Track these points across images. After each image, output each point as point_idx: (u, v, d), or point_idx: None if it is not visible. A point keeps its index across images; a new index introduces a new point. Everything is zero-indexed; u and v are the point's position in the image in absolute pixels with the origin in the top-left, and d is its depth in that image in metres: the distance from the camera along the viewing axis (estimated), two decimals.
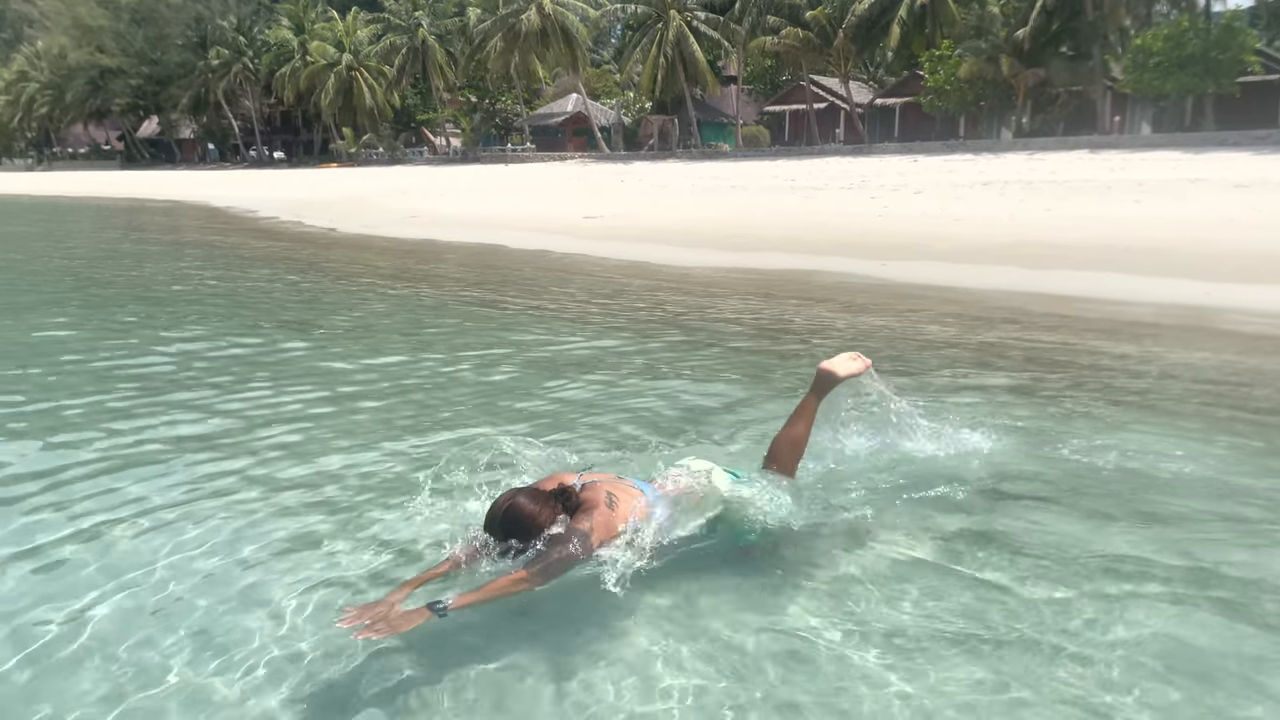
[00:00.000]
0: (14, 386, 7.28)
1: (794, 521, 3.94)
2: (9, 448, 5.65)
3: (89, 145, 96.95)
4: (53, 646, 3.39)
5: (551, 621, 3.48)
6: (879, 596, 3.66)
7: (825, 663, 3.22)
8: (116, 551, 4.16)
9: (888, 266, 13.44)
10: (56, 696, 3.11)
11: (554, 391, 7.07)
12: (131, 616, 3.59)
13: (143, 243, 23.97)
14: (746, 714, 2.98)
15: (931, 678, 3.12)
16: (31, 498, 4.79)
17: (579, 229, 20.04)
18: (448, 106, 71.48)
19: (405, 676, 3.23)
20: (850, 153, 43.08)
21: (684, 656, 3.29)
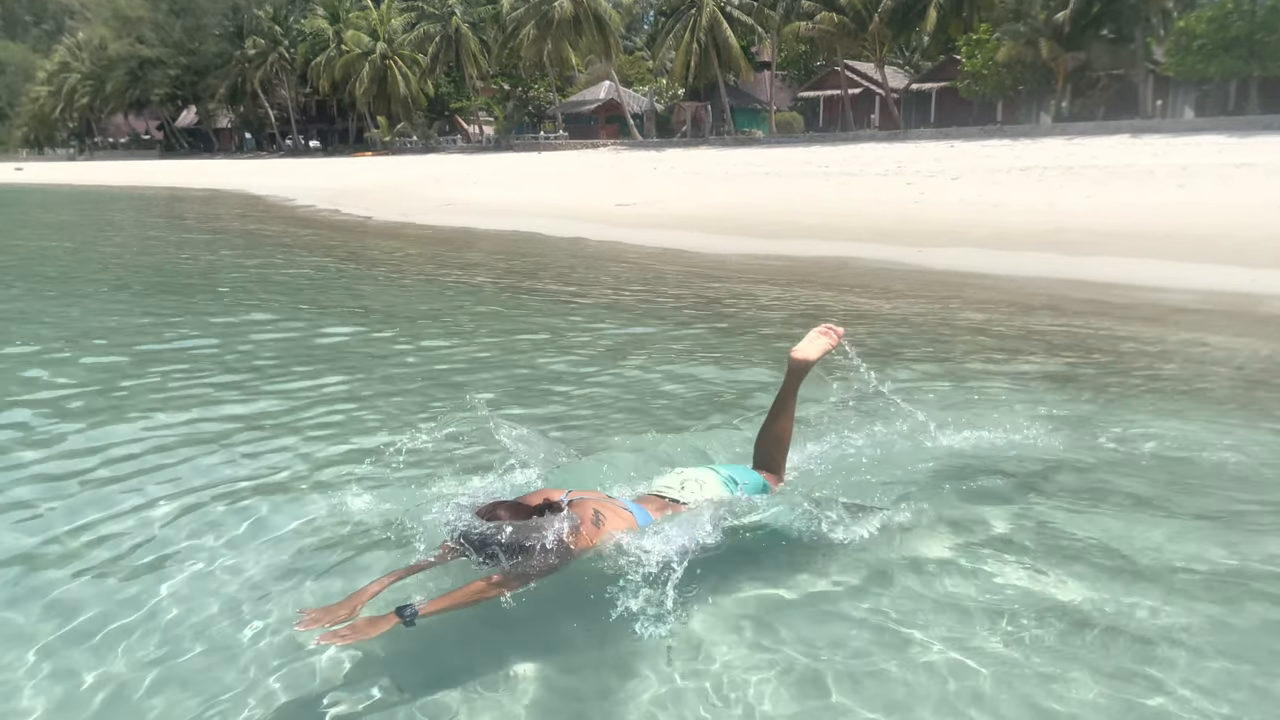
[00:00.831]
0: (70, 369, 7.44)
1: (796, 525, 3.79)
2: (95, 426, 5.79)
3: (129, 135, 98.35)
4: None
5: (539, 628, 3.33)
6: (906, 593, 3.57)
7: (865, 678, 3.08)
8: (168, 520, 4.27)
9: (924, 253, 13.34)
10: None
11: (588, 377, 7.12)
12: (179, 582, 3.68)
13: (187, 231, 24.33)
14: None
15: (982, 676, 3.05)
16: (89, 472, 4.93)
17: (612, 216, 20.06)
18: (481, 94, 71.62)
19: (374, 685, 3.09)
20: (885, 139, 42.64)
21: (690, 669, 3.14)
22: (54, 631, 3.42)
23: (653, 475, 3.89)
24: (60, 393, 6.75)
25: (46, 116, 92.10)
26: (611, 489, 3.99)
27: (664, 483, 3.80)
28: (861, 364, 4.77)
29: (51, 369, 7.47)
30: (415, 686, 3.07)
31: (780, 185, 24.52)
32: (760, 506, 3.75)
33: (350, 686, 3.09)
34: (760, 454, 4.15)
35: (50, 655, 3.28)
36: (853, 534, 3.82)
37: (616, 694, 3.04)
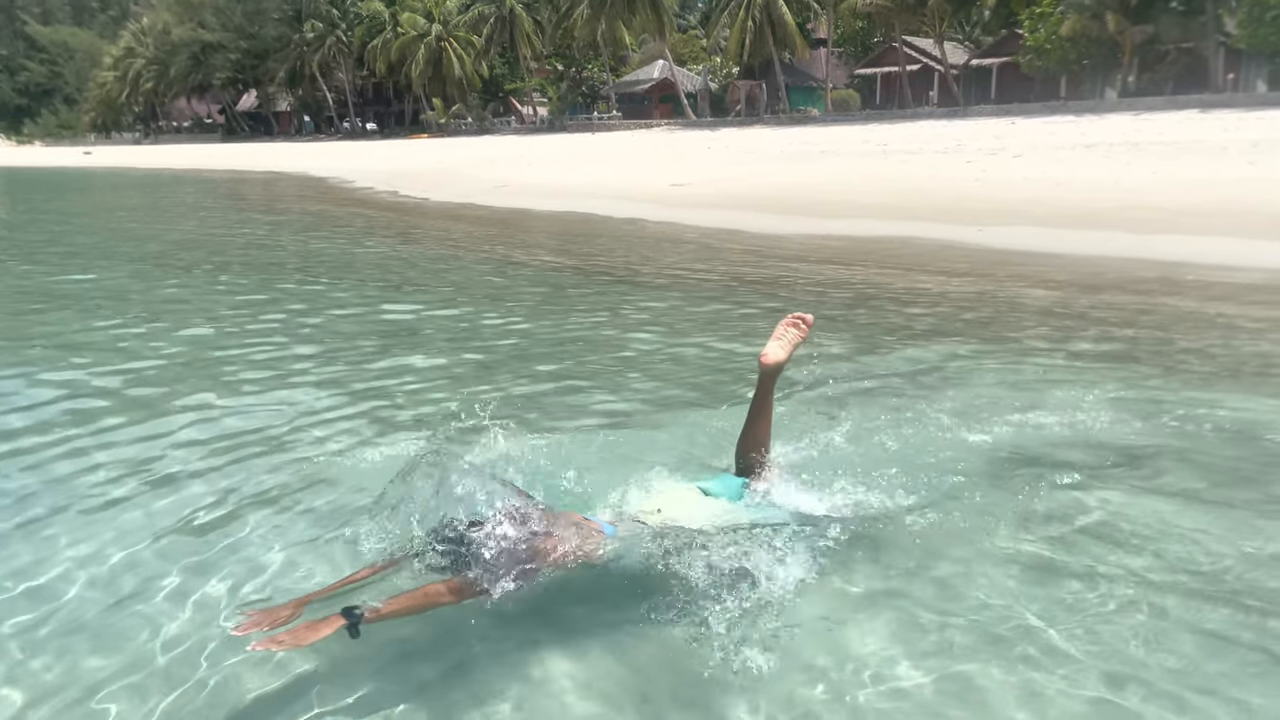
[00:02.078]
0: (164, 340, 7.73)
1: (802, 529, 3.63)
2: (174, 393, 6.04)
3: (192, 119, 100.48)
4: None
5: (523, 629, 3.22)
6: (963, 585, 3.47)
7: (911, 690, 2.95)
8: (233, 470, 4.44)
9: (984, 232, 13.15)
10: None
11: (643, 355, 7.18)
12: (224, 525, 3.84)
13: (257, 213, 24.87)
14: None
15: (1052, 675, 2.96)
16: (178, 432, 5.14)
17: (666, 197, 20.05)
18: (535, 75, 71.85)
19: (325, 689, 2.96)
20: (945, 116, 41.89)
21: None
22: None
23: (633, 494, 3.67)
24: (153, 362, 7.04)
25: (113, 101, 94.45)
26: (594, 510, 3.68)
27: (641, 506, 3.59)
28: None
29: (147, 340, 7.85)
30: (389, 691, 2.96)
31: (837, 164, 24.28)
32: (742, 520, 3.55)
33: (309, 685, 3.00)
34: (741, 460, 3.94)
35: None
36: (885, 524, 3.78)
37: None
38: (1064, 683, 2.87)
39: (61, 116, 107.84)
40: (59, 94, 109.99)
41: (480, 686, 2.95)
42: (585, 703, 2.89)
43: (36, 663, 3.16)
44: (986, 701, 2.82)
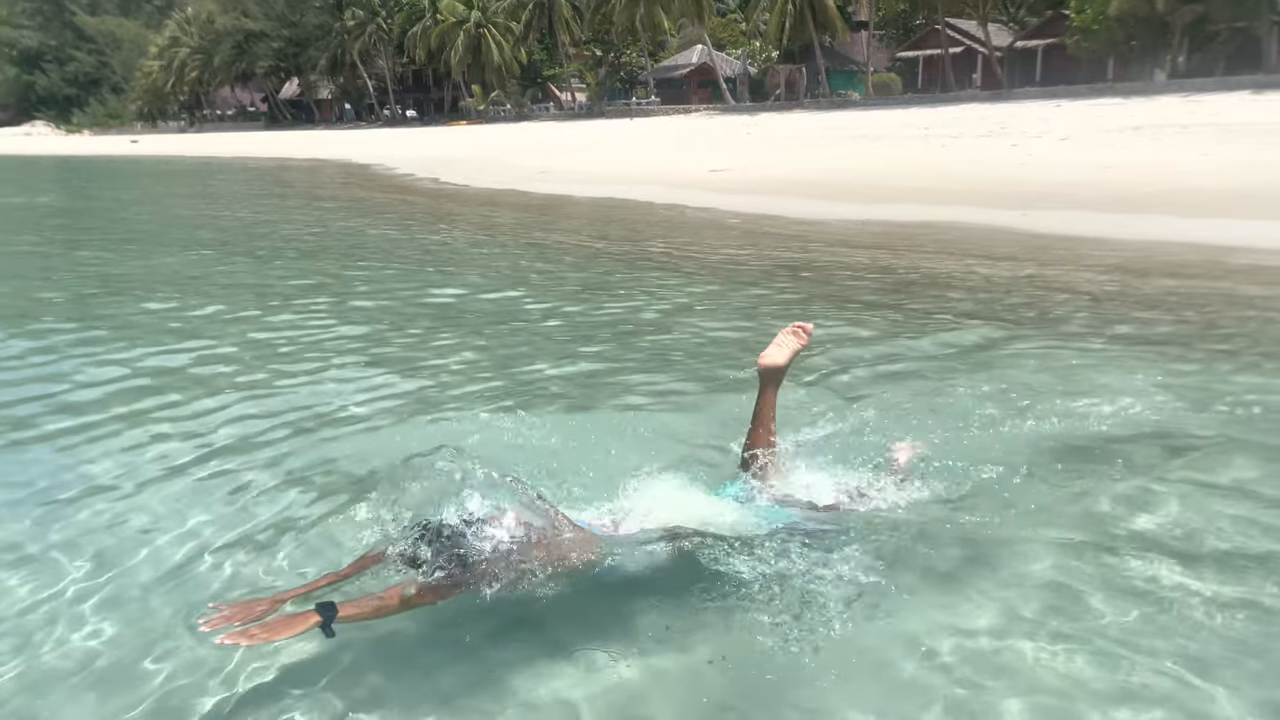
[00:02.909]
0: (223, 322, 7.94)
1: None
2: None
3: (235, 107, 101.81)
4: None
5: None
6: (1000, 590, 3.36)
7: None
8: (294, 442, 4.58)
9: (1029, 216, 12.98)
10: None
11: (679, 342, 7.23)
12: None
13: (305, 200, 25.22)
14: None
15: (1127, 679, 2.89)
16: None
17: (706, 182, 20.01)
18: (573, 61, 71.83)
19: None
20: (988, 99, 41.27)
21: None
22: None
23: (645, 496, 3.58)
24: (207, 342, 7.25)
25: (159, 90, 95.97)
26: (599, 510, 3.61)
27: (650, 511, 3.49)
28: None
29: (203, 321, 8.08)
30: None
31: (878, 148, 24.06)
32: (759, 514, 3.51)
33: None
34: (746, 460, 3.85)
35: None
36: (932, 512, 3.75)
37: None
38: (1121, 681, 2.82)
39: (109, 106, 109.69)
40: (106, 83, 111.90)
41: (464, 691, 2.90)
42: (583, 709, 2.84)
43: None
44: (1036, 693, 2.79)
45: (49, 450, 5.06)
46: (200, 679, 2.96)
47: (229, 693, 2.90)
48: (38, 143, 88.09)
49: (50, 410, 5.72)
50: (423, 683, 2.93)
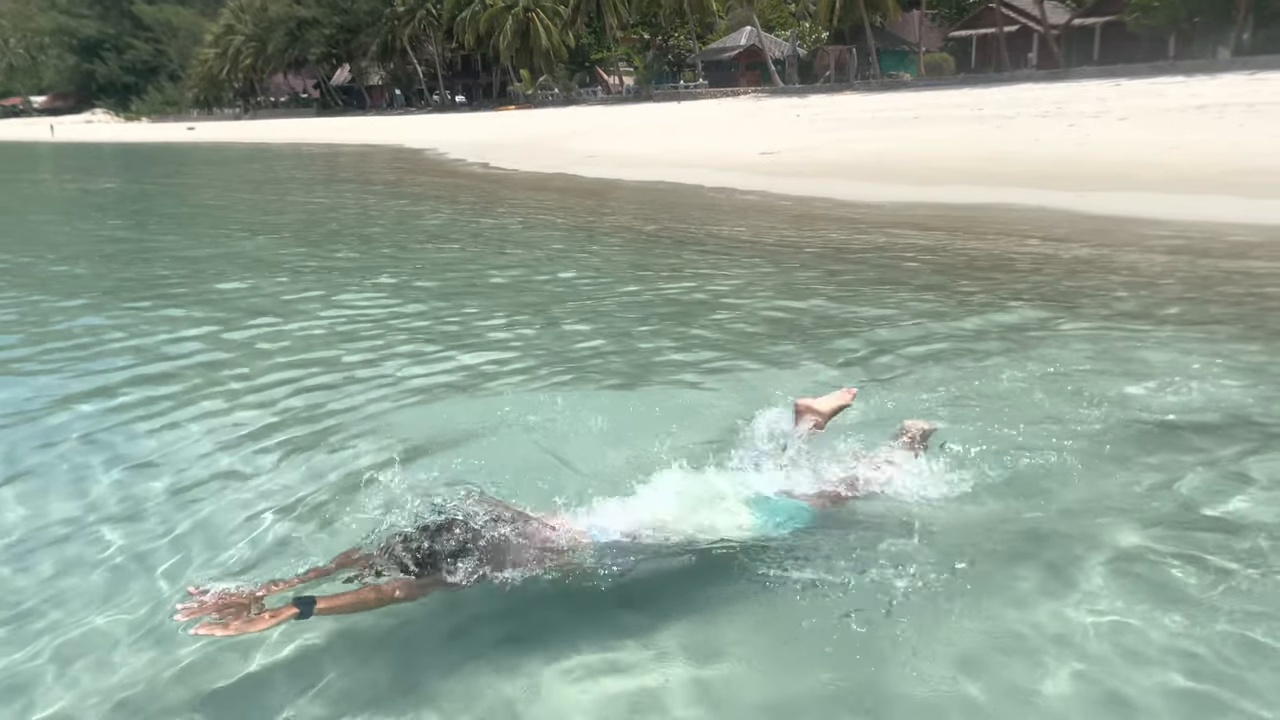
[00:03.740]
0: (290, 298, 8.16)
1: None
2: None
3: (288, 94, 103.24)
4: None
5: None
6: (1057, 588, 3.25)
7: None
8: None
9: (1086, 198, 12.74)
10: None
11: (728, 323, 7.23)
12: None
13: (360, 184, 25.56)
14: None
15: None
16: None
17: (755, 165, 19.90)
18: (621, 45, 71.63)
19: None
20: (1044, 78, 40.41)
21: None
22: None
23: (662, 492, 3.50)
24: (277, 319, 7.48)
25: (214, 77, 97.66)
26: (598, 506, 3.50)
27: (664, 509, 3.42)
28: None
29: (275, 297, 8.34)
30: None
31: (930, 130, 23.70)
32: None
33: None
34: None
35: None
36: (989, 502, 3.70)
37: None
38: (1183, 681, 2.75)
39: (166, 93, 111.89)
40: (163, 71, 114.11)
41: (451, 691, 2.89)
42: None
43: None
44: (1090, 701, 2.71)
45: (122, 414, 5.32)
46: (173, 667, 2.99)
47: (201, 682, 2.91)
48: (98, 130, 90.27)
49: (133, 380, 5.98)
50: (403, 680, 2.91)
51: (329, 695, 2.85)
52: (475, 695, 2.84)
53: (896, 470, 3.75)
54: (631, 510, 3.31)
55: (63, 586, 3.51)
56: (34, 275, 10.84)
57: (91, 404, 5.54)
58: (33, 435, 5.06)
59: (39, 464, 4.66)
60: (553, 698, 2.82)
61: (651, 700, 2.79)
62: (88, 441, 4.94)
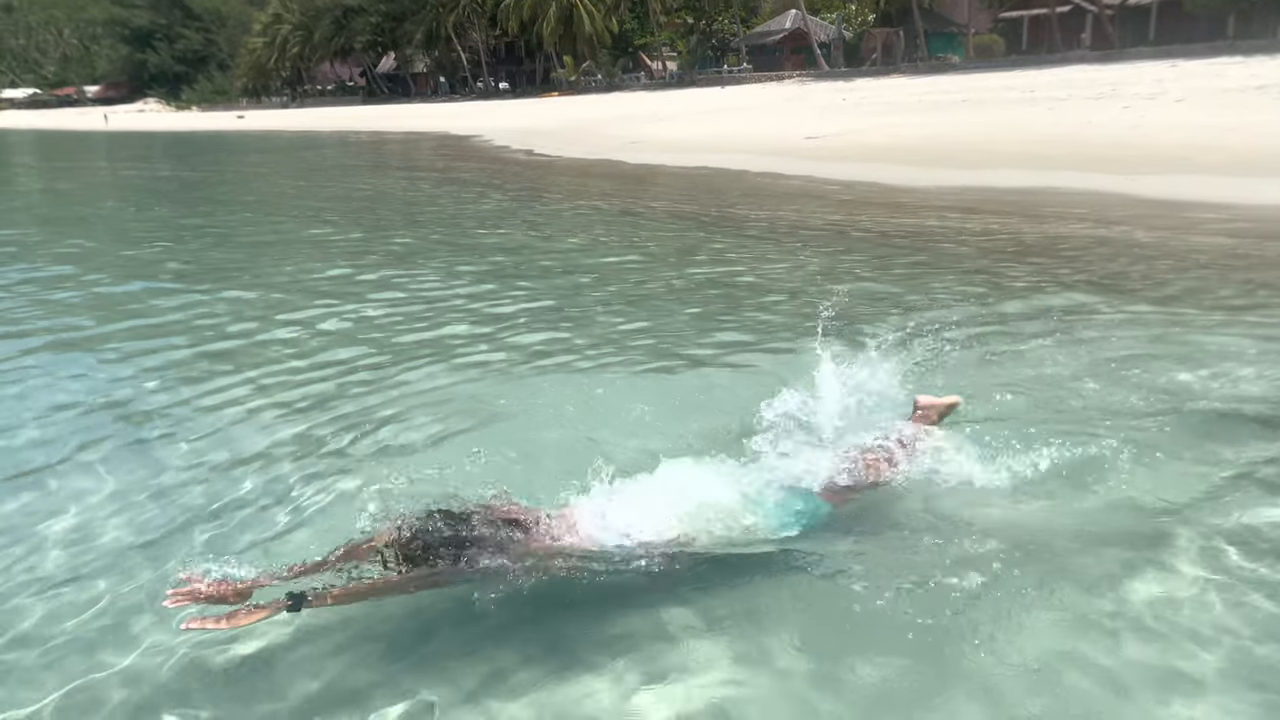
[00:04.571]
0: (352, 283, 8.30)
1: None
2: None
3: (334, 82, 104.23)
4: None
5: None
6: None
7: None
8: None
9: (1141, 181, 12.46)
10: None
11: (780, 304, 7.19)
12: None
13: (409, 171, 25.81)
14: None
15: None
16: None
17: (801, 150, 19.72)
18: (664, 29, 71.28)
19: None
20: (1098, 59, 39.50)
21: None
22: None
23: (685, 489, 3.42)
24: (336, 301, 7.65)
25: (262, 66, 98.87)
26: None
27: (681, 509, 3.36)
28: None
29: (337, 280, 8.56)
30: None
31: (979, 113, 23.31)
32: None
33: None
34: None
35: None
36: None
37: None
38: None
39: (216, 82, 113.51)
40: (213, 60, 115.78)
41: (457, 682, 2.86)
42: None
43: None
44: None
45: (179, 390, 5.52)
46: (166, 654, 3.01)
47: (190, 675, 2.92)
48: (151, 119, 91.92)
49: (189, 359, 6.19)
50: (397, 676, 2.90)
51: (321, 689, 2.83)
52: (475, 691, 2.79)
53: (923, 458, 3.69)
54: (646, 507, 3.24)
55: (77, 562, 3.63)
56: (107, 259, 11.26)
57: (150, 380, 5.78)
58: (93, 409, 5.26)
59: (82, 440, 4.83)
60: (556, 698, 2.77)
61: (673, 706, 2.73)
62: (144, 416, 5.15)
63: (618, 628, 3.06)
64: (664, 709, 2.70)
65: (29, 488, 4.29)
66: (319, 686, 2.86)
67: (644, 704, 2.72)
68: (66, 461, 4.56)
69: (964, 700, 2.63)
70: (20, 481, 4.36)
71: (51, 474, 4.44)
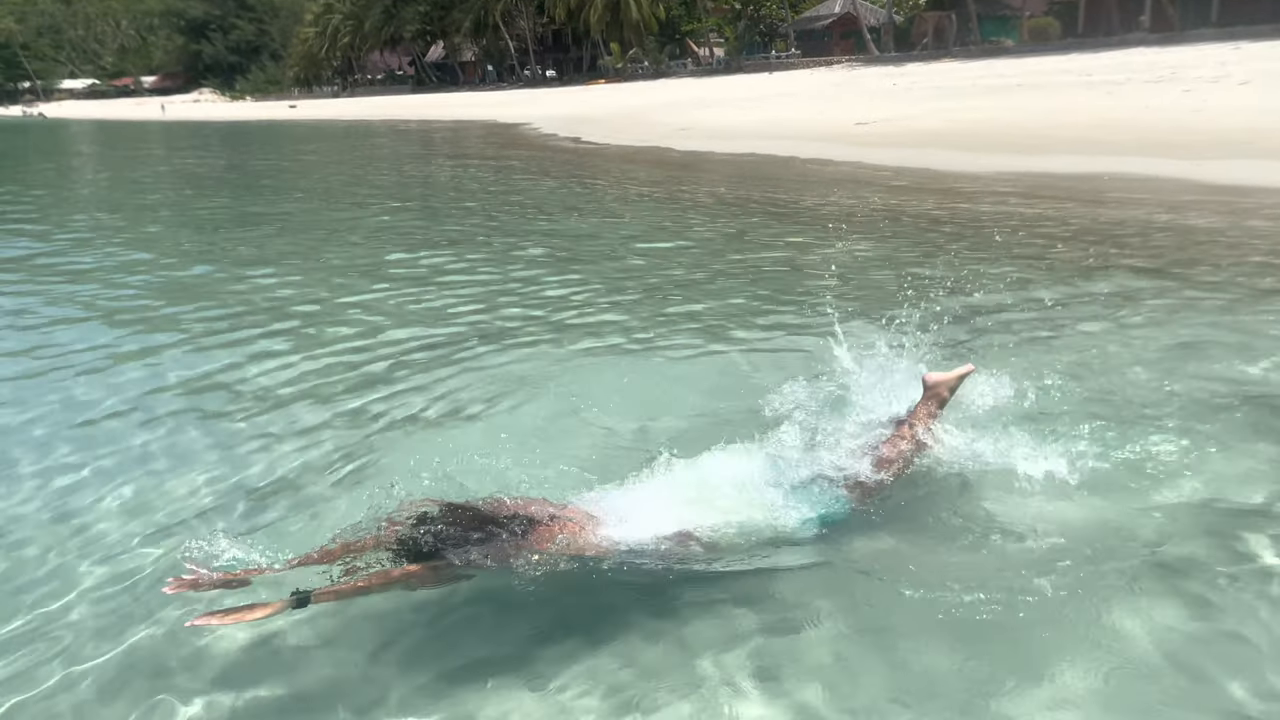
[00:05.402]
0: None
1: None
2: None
3: (384, 71, 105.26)
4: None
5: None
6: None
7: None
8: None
9: (1203, 166, 12.19)
10: None
11: (830, 289, 7.20)
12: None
13: (460, 159, 26.07)
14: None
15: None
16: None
17: (850, 136, 19.57)
18: (711, 16, 70.88)
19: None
20: (1157, 42, 38.53)
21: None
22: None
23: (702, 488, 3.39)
24: (394, 285, 7.81)
25: (314, 56, 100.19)
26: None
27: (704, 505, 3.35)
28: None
29: (401, 264, 8.78)
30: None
31: (1034, 97, 22.91)
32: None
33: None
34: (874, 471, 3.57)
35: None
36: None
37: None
38: None
39: (268, 72, 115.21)
40: (266, 50, 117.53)
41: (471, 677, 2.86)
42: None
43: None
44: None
45: (244, 369, 5.76)
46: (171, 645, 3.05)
47: (197, 669, 2.93)
48: (206, 109, 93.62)
49: (248, 339, 6.40)
50: (403, 672, 2.88)
51: (326, 686, 2.83)
52: (481, 691, 2.77)
53: (952, 446, 3.64)
54: (663, 505, 3.21)
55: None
56: (176, 244, 11.70)
57: (212, 361, 6.06)
58: (154, 390, 5.54)
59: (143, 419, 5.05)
60: (562, 698, 2.74)
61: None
62: (200, 396, 5.44)
63: (630, 624, 3.01)
64: (685, 708, 2.67)
65: (78, 464, 4.51)
66: (322, 677, 2.86)
67: (662, 701, 2.69)
68: (111, 434, 4.83)
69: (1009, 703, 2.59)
70: (71, 458, 4.59)
71: (100, 448, 4.66)
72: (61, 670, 2.95)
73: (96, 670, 2.94)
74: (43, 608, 3.29)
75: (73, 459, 4.54)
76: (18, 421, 5.03)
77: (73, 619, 3.21)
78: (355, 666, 2.91)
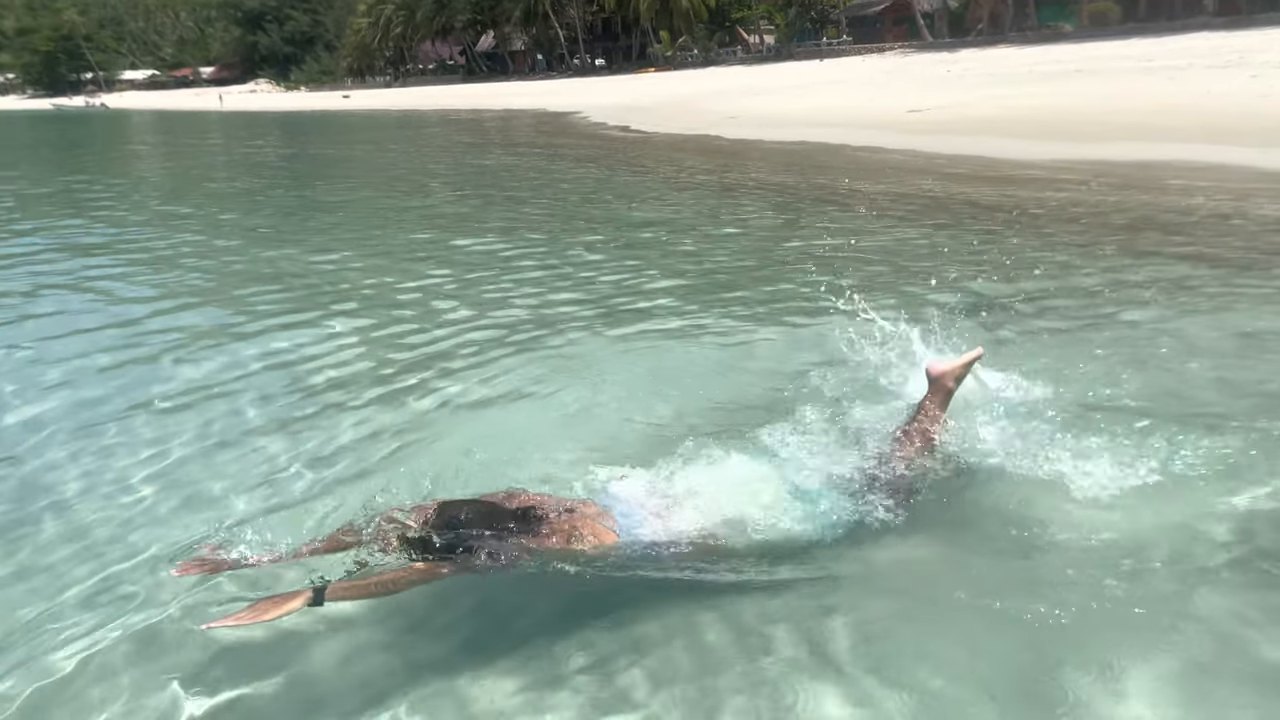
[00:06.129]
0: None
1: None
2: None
3: (435, 61, 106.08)
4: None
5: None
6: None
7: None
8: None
9: (1273, 154, 11.89)
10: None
11: (880, 277, 7.18)
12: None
13: (512, 147, 26.31)
14: None
15: None
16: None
17: (902, 123, 19.40)
18: (762, 2, 70.41)
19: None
20: (1223, 25, 37.46)
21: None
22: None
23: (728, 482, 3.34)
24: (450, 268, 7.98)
25: (367, 47, 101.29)
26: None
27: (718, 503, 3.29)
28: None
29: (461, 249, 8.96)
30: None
31: (1092, 83, 22.49)
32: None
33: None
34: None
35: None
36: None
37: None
38: None
39: (322, 63, 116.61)
40: (320, 41, 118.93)
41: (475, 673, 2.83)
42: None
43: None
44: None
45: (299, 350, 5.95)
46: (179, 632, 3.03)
47: (201, 647, 2.93)
48: (262, 99, 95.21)
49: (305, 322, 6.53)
50: (419, 670, 2.85)
51: (339, 684, 2.81)
52: (492, 689, 2.75)
53: (970, 444, 3.57)
54: (679, 504, 3.17)
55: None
56: (242, 229, 12.02)
57: (271, 341, 6.24)
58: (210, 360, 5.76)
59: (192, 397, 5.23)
60: (580, 698, 2.70)
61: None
62: (256, 367, 5.65)
63: (643, 623, 2.96)
64: (701, 710, 2.63)
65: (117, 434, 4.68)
66: (335, 673, 2.86)
67: (676, 707, 2.65)
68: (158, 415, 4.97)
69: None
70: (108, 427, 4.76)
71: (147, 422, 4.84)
72: (69, 654, 2.93)
73: (102, 655, 2.93)
74: (54, 587, 3.31)
75: (120, 439, 4.61)
76: (72, 401, 5.18)
77: (83, 598, 3.22)
78: (363, 660, 2.89)
